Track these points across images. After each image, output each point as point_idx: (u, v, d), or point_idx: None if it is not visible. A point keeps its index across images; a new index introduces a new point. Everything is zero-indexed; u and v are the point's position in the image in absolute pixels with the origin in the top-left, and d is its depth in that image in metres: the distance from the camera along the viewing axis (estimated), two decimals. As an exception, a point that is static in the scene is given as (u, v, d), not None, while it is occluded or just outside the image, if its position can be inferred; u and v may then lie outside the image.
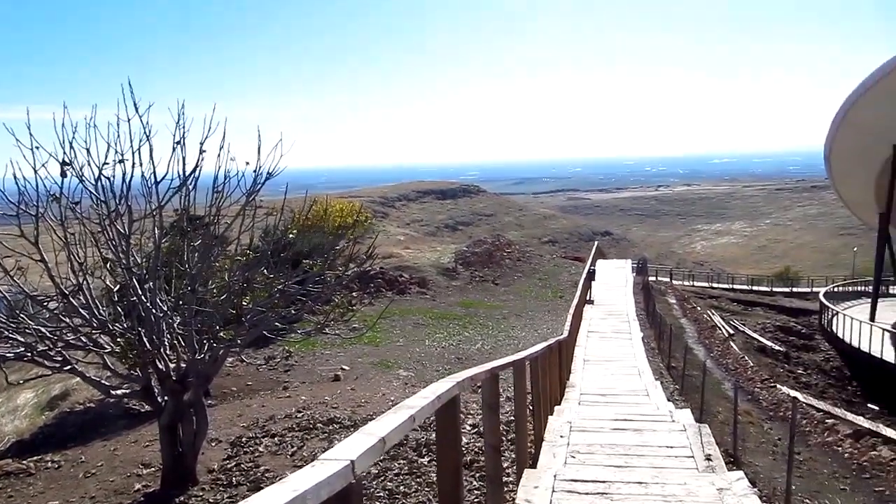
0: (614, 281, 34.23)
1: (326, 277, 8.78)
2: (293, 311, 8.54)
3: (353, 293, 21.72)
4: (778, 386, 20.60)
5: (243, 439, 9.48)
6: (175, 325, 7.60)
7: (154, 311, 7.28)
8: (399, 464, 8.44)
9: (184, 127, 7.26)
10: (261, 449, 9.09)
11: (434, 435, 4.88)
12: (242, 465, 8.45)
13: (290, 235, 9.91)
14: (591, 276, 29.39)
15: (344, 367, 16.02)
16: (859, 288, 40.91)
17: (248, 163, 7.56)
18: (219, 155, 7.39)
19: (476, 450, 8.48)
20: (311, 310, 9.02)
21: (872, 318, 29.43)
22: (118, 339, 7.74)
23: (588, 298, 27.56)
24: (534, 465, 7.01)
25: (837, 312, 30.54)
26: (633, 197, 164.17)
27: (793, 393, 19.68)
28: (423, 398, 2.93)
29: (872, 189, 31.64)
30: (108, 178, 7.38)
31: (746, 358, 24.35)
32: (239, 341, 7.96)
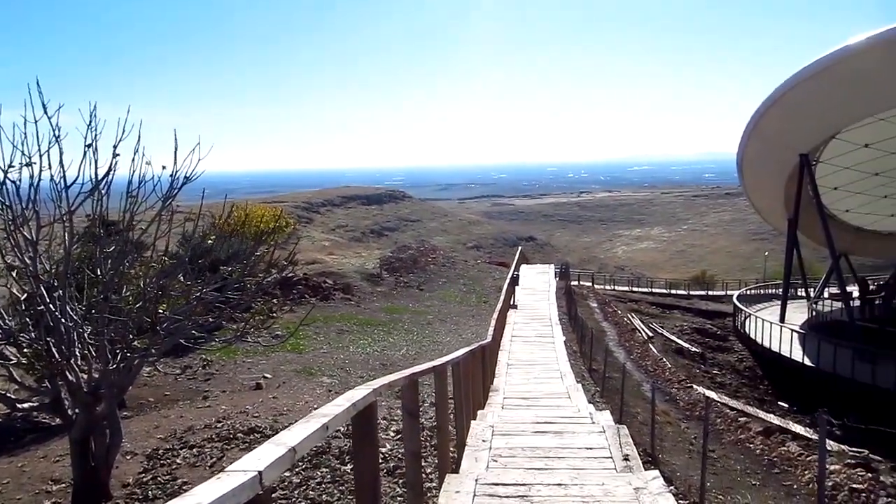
0: (538, 286, 34.68)
1: (246, 284, 8.62)
2: (211, 319, 8.35)
3: (275, 300, 21.37)
4: (694, 386, 21.20)
5: (160, 451, 9.22)
6: (86, 335, 7.33)
7: (64, 320, 7.01)
8: (321, 472, 8.35)
9: (96, 129, 7.00)
10: (178, 461, 8.86)
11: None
12: (159, 479, 8.22)
13: (209, 241, 9.69)
14: (514, 281, 29.71)
15: (266, 375, 15.75)
16: (770, 291, 42.33)
17: (164, 167, 7.35)
18: (133, 159, 7.16)
19: (399, 456, 8.47)
20: (231, 317, 8.82)
21: (782, 320, 30.60)
22: (25, 350, 7.42)
23: (512, 303, 27.84)
24: (456, 470, 7.03)
25: (750, 314, 31.60)
26: (556, 203, 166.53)
27: (708, 393, 20.31)
28: (338, 406, 2.89)
29: (782, 196, 32.85)
30: (14, 182, 7.07)
31: (665, 359, 24.99)
32: (154, 350, 7.73)
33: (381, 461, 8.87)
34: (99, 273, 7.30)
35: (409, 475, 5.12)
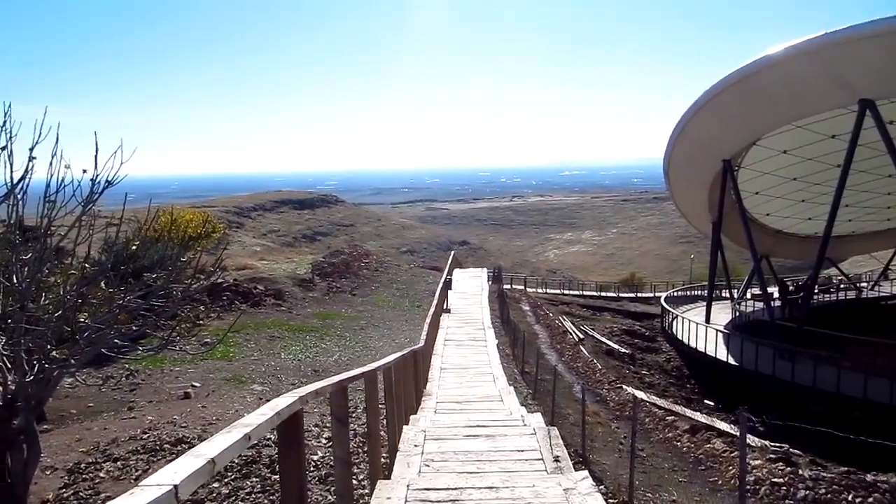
0: (471, 290, 34.84)
1: (172, 291, 8.40)
2: (135, 328, 8.11)
3: (202, 307, 20.91)
4: (624, 387, 21.59)
5: (82, 465, 8.92)
6: (1, 346, 7.03)
7: (-25, 330, 6.71)
8: (251, 482, 8.22)
9: (10, 131, 6.73)
10: (101, 475, 8.59)
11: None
12: (81, 494, 7.95)
13: (133, 247, 9.42)
14: (447, 285, 29.78)
15: (195, 383, 15.39)
16: (696, 292, 43.45)
17: (84, 170, 7.10)
18: (51, 162, 6.90)
19: (332, 463, 8.38)
20: (156, 325, 8.59)
21: (707, 320, 31.46)
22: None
23: (445, 307, 27.90)
24: (388, 476, 6.99)
25: (677, 316, 32.37)
26: (489, 207, 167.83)
27: (636, 393, 20.72)
28: (261, 415, 2.84)
29: (706, 200, 33.79)
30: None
31: (595, 361, 25.38)
32: (74, 361, 7.46)
33: (312, 469, 8.78)
34: (15, 281, 7.01)
35: (338, 483, 5.07)
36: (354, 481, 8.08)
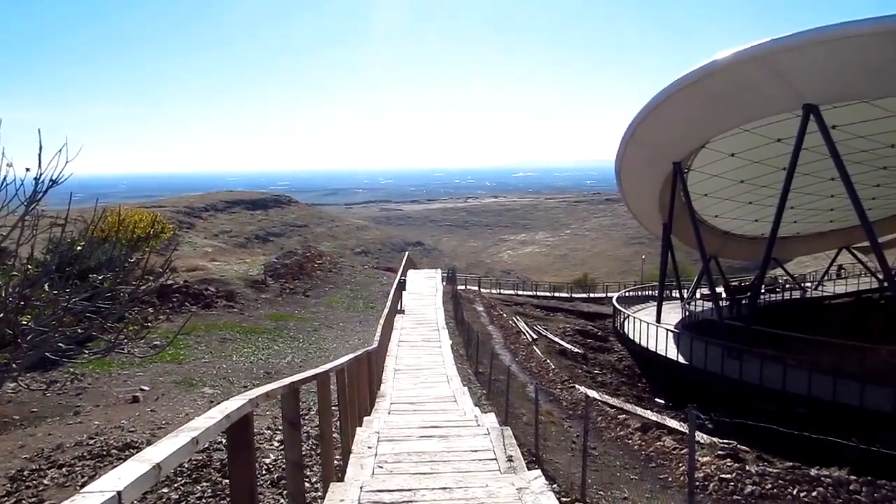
0: (425, 290, 34.84)
1: (119, 293, 8.21)
2: (80, 331, 7.91)
3: (150, 309, 20.50)
4: (577, 386, 21.81)
5: (25, 472, 8.66)
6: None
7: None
8: (202, 486, 8.08)
9: (-54, 128, 6.50)
10: (46, 482, 8.35)
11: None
12: (24, 501, 7.72)
13: (78, 248, 9.18)
14: (401, 286, 29.73)
15: (144, 387, 15.09)
16: (647, 292, 44.06)
17: (28, 169, 6.90)
18: (-8, 160, 6.68)
19: (284, 466, 8.29)
20: (103, 328, 8.39)
21: (658, 320, 31.95)
22: None
23: (399, 308, 27.85)
24: (342, 479, 6.94)
25: (628, 316, 32.80)
26: (443, 208, 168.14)
27: (589, 392, 20.94)
28: (210, 418, 2.79)
29: (657, 202, 34.32)
30: None
31: (549, 361, 25.58)
32: (16, 365, 7.25)
33: (264, 472, 8.68)
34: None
35: (290, 486, 5.02)
36: (307, 484, 8.01)
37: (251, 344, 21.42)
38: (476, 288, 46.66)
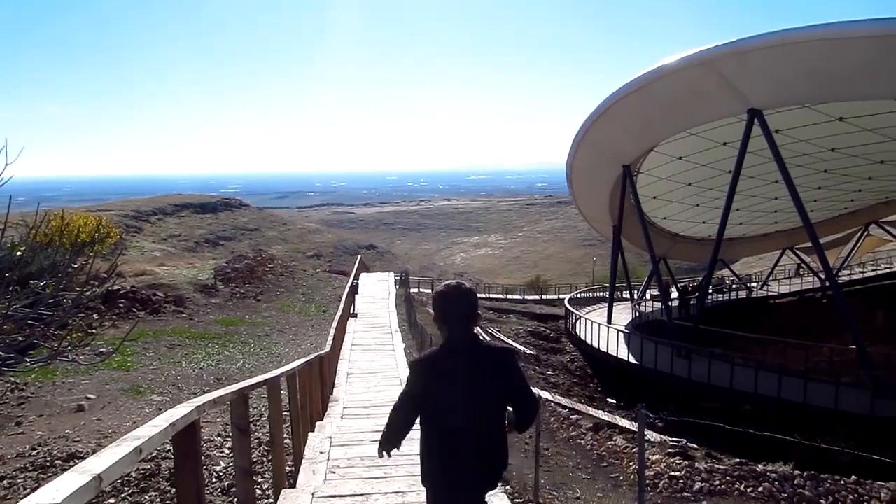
0: (378, 294, 34.73)
1: (62, 299, 8.01)
2: (21, 339, 7.69)
3: (95, 315, 20.04)
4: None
5: (-37, 487, 8.40)
6: None
7: None
8: (150, 496, 7.95)
9: None
10: (-15, 495, 8.11)
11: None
12: (-40, 517, 7.50)
13: (19, 252, 8.93)
14: (354, 289, 29.57)
15: (89, 395, 14.73)
16: (599, 294, 44.54)
17: (-36, 172, 6.69)
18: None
19: (235, 474, 8.17)
20: (45, 335, 8.16)
21: (609, 321, 32.33)
22: None
23: (352, 312, 27.69)
24: (293, 485, 6.87)
25: (580, 317, 33.10)
26: (396, 211, 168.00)
27: (542, 393, 21.09)
28: (155, 427, 2.73)
29: (607, 204, 34.70)
30: None
31: (501, 363, 25.66)
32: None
33: (215, 480, 8.56)
34: None
35: (240, 493, 4.94)
36: (259, 491, 7.92)
37: (201, 350, 21.09)
38: (429, 291, 46.67)
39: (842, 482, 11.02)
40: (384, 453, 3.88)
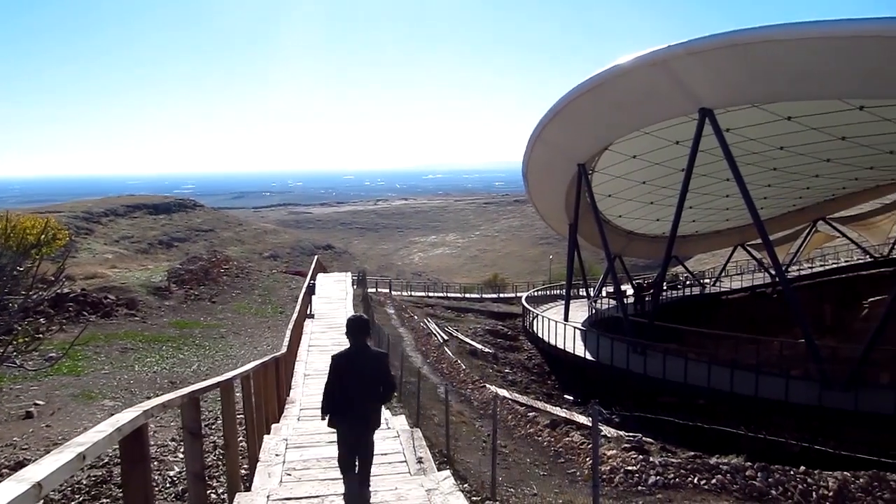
0: (335, 294, 34.50)
1: (8, 303, 7.81)
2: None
3: (42, 319, 19.57)
4: (487, 386, 22.02)
5: None
6: None
7: None
8: (102, 503, 7.80)
9: None
10: (-73, 506, 7.86)
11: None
12: None
13: (-38, 257, 8.69)
14: (311, 290, 29.33)
15: (38, 401, 14.36)
16: (556, 292, 44.84)
17: None
18: None
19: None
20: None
21: (566, 318, 32.58)
22: None
23: (308, 312, 27.47)
24: (249, 488, 6.80)
25: (537, 315, 33.29)
26: (353, 211, 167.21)
27: (500, 391, 21.19)
28: (100, 432, 2.67)
29: (563, 203, 34.96)
30: None
31: (460, 361, 25.72)
32: None
33: (169, 485, 8.43)
34: None
35: (192, 498, 4.87)
36: (214, 495, 7.82)
37: (154, 353, 20.74)
38: (387, 290, 46.57)
39: (791, 472, 11.27)
40: (324, 417, 6.61)
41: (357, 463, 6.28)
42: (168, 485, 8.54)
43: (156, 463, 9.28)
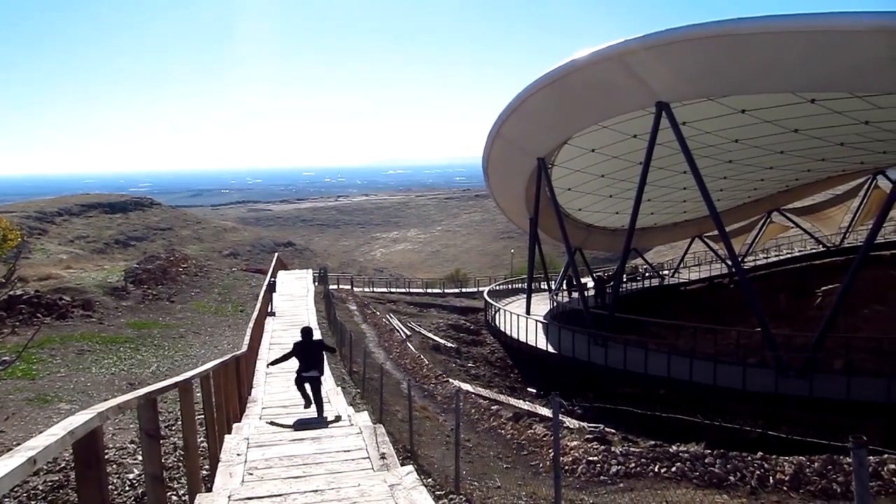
0: (296, 292, 34.29)
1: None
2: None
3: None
4: (450, 380, 22.07)
5: None
6: None
7: None
8: (57, 508, 7.65)
9: None
10: None
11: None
12: None
13: None
14: (271, 287, 29.09)
15: (-9, 407, 14.03)
16: (517, 285, 44.99)
17: None
18: None
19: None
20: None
21: (528, 312, 32.77)
22: None
23: (270, 310, 27.26)
24: (210, 489, 6.72)
25: (499, 308, 33.43)
26: (314, 207, 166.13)
27: (463, 385, 21.25)
28: (51, 436, 2.61)
29: (523, 197, 35.12)
30: None
31: (422, 357, 25.73)
32: None
33: (128, 488, 8.32)
34: None
35: (150, 500, 4.80)
36: (175, 497, 7.73)
37: (112, 354, 20.37)
38: (349, 287, 46.37)
39: (749, 458, 11.50)
40: (269, 366, 14.81)
41: (311, 396, 12.10)
42: (127, 488, 8.42)
43: (114, 466, 9.14)
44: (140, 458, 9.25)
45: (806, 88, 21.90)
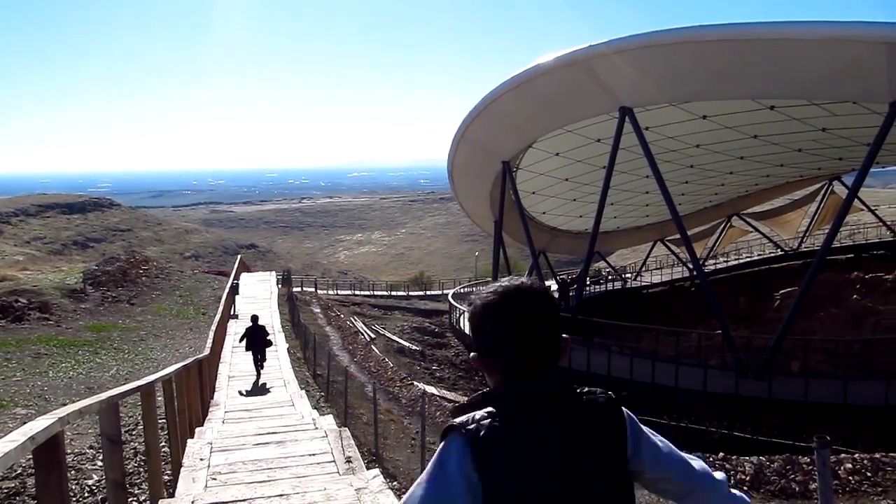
0: (259, 294, 33.97)
1: None
2: None
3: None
4: (415, 383, 22.05)
5: None
6: None
7: None
8: (14, 516, 7.48)
9: None
10: None
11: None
12: None
13: None
14: (234, 290, 28.79)
15: (-57, 412, 13.69)
16: (482, 288, 44.98)
17: None
18: None
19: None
20: None
21: (493, 315, 32.74)
22: None
23: (232, 313, 26.98)
24: (173, 494, 6.62)
25: (463, 311, 33.46)
26: (277, 209, 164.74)
27: (427, 388, 21.24)
28: (11, 442, 2.54)
29: (488, 200, 35.22)
30: None
31: (387, 359, 25.70)
32: None
33: (87, 494, 8.16)
34: None
35: (112, 507, 4.71)
36: (136, 503, 7.60)
37: (70, 358, 19.99)
38: (312, 289, 46.11)
39: (710, 459, 11.63)
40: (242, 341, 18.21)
41: (260, 366, 17.19)
42: (87, 494, 8.26)
43: (73, 472, 8.95)
44: (99, 463, 9.10)
45: (765, 95, 22.30)
